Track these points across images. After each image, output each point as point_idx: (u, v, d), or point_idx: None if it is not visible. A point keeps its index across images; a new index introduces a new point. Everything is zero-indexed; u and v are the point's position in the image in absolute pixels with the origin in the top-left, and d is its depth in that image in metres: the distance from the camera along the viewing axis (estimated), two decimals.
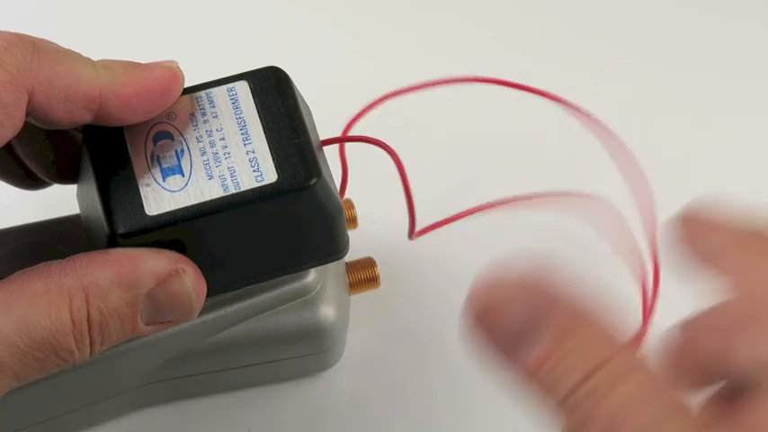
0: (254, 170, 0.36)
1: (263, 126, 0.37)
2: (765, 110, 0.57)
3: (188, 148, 0.37)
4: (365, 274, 0.46)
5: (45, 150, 0.40)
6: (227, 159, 0.37)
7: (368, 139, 0.40)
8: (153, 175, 0.36)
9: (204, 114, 0.38)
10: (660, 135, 0.56)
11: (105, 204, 0.36)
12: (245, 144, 0.37)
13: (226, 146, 0.37)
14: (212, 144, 0.37)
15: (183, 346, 0.43)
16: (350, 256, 0.42)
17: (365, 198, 0.48)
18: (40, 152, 0.40)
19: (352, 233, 0.41)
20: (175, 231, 0.36)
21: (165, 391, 0.45)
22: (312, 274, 0.44)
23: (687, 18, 0.61)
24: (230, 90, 0.38)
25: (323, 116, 0.46)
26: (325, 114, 0.49)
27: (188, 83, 0.38)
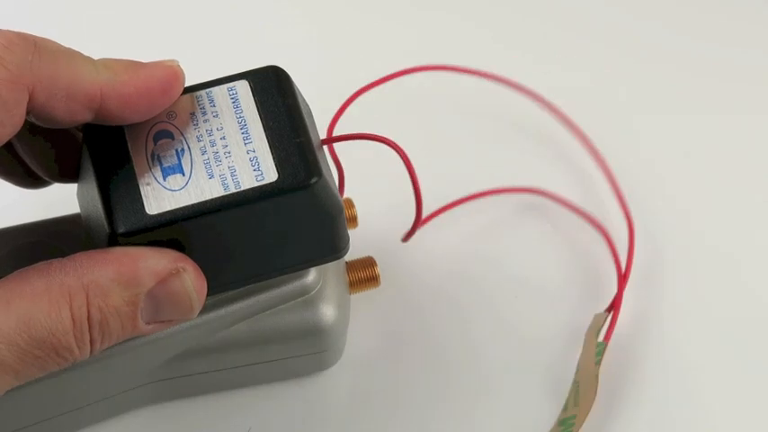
0: (254, 169, 0.36)
1: (263, 125, 0.37)
2: (765, 110, 0.57)
3: (188, 148, 0.37)
4: (365, 274, 0.46)
5: (45, 149, 0.40)
6: (227, 158, 0.37)
7: (373, 136, 0.39)
8: (153, 174, 0.36)
9: (205, 113, 0.38)
10: (660, 135, 0.56)
11: (106, 203, 0.36)
12: (245, 143, 0.37)
13: (226, 145, 0.37)
14: (213, 143, 0.37)
15: (184, 346, 0.43)
16: (350, 256, 0.42)
17: (365, 197, 0.48)
18: (41, 151, 0.40)
19: (352, 232, 0.41)
20: (176, 230, 0.36)
21: (165, 391, 0.45)
22: (312, 274, 0.44)
23: (687, 18, 0.61)
24: (231, 89, 0.38)
25: (324, 116, 0.46)
26: (327, 114, 0.49)
27: (188, 82, 0.38)
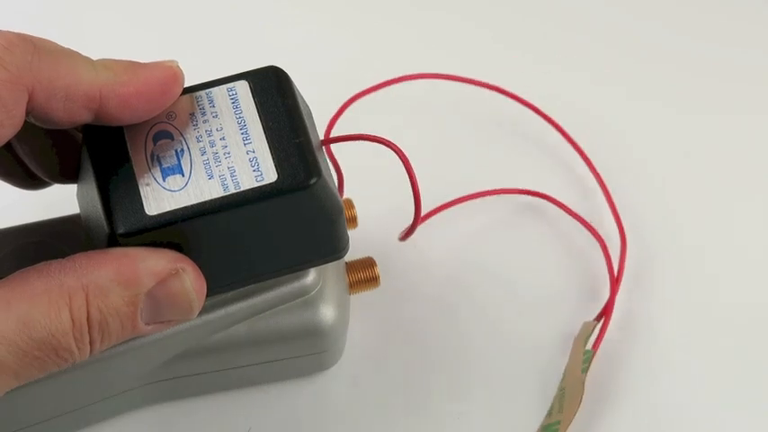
0: (254, 170, 0.36)
1: (263, 126, 0.37)
2: (765, 110, 0.57)
3: (188, 148, 0.37)
4: (365, 274, 0.46)
5: (45, 150, 0.40)
6: (227, 159, 0.37)
7: (372, 137, 0.39)
8: (153, 175, 0.36)
9: (204, 114, 0.38)
10: (659, 135, 0.56)
11: (105, 204, 0.36)
12: (245, 144, 0.37)
13: (226, 145, 0.37)
14: (212, 144, 0.37)
15: (183, 346, 0.43)
16: (350, 256, 0.42)
17: (365, 198, 0.48)
18: (41, 151, 0.40)
19: (352, 233, 0.41)
20: (175, 231, 0.36)
21: (165, 391, 0.45)
22: (312, 274, 0.44)
23: (687, 18, 0.61)
24: (230, 90, 0.38)
25: (323, 117, 0.46)
26: (326, 115, 0.49)
27: (188, 83, 0.38)
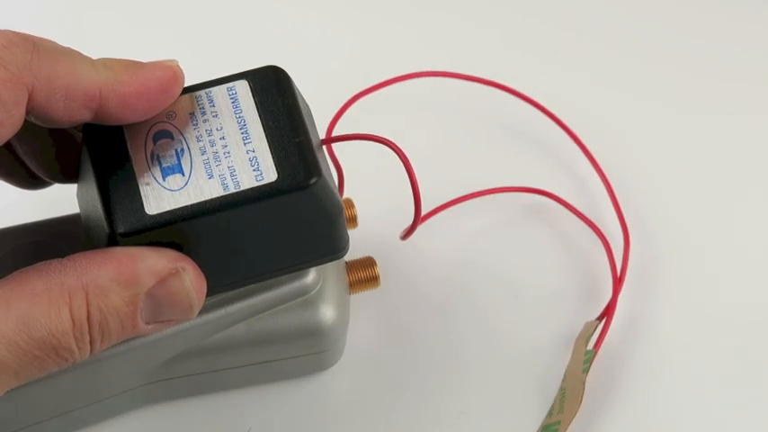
0: (253, 169, 0.36)
1: (262, 125, 0.37)
2: (765, 110, 0.57)
3: (188, 148, 0.37)
4: (365, 274, 0.46)
5: (45, 149, 0.40)
6: (226, 158, 0.37)
7: (372, 137, 0.39)
8: (153, 175, 0.36)
9: (204, 113, 0.38)
10: (660, 135, 0.56)
11: (105, 203, 0.36)
12: (244, 143, 0.37)
13: (226, 145, 0.37)
14: (212, 143, 0.37)
15: (183, 346, 0.43)
16: (350, 256, 0.42)
17: (365, 198, 0.48)
18: (41, 151, 0.40)
19: (352, 233, 0.41)
20: (175, 230, 0.36)
21: (165, 391, 0.45)
22: (312, 274, 0.44)
23: (687, 18, 0.61)
24: (230, 89, 0.38)
25: (323, 117, 0.46)
26: (327, 115, 0.49)
27: (188, 82, 0.38)
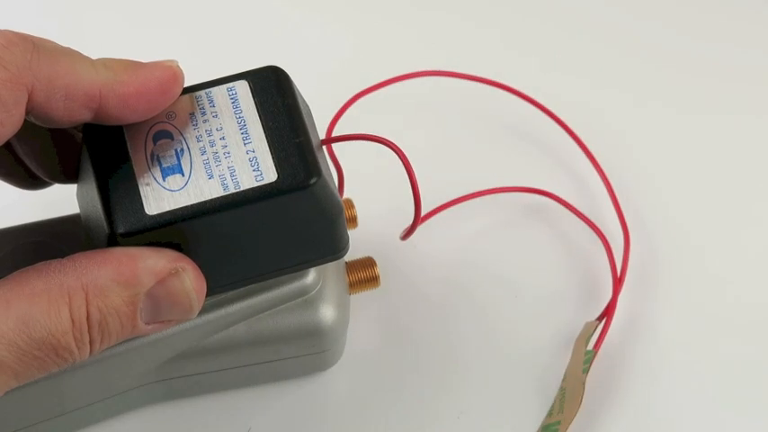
0: (253, 170, 0.36)
1: (262, 125, 0.37)
2: (765, 110, 0.57)
3: (188, 148, 0.37)
4: (365, 274, 0.46)
5: (45, 149, 0.40)
6: (226, 159, 0.37)
7: (372, 137, 0.39)
8: (153, 175, 0.36)
9: (204, 114, 0.38)
10: (660, 135, 0.56)
11: (105, 204, 0.36)
12: (244, 143, 0.37)
13: (226, 145, 0.37)
14: (212, 143, 0.37)
15: (183, 346, 0.43)
16: (350, 256, 0.42)
17: (365, 198, 0.48)
18: (41, 151, 0.40)
19: (352, 233, 0.41)
20: (175, 231, 0.36)
21: (165, 391, 0.45)
22: (312, 274, 0.44)
23: (687, 18, 0.61)
24: (230, 89, 0.38)
25: (324, 117, 0.46)
26: (327, 115, 0.49)
27: (188, 82, 0.38)
